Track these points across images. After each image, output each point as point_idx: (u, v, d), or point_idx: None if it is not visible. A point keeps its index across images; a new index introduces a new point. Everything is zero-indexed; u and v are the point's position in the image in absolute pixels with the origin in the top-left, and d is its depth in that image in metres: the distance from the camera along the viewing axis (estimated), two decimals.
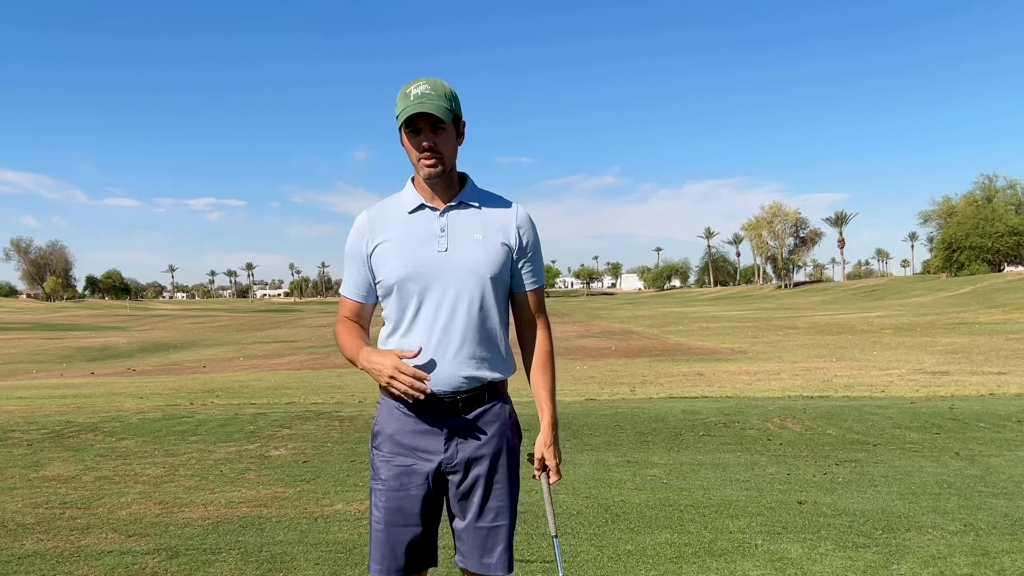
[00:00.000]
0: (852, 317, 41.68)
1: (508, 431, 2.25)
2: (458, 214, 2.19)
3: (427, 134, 2.11)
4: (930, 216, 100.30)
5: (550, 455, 2.24)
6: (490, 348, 2.19)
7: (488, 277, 2.16)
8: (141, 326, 67.17)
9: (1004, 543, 4.10)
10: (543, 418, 2.27)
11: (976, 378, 14.45)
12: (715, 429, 7.96)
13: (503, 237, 2.20)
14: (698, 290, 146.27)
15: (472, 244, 2.16)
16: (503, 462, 2.21)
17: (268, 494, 5.34)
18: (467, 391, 2.16)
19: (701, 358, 22.43)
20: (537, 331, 2.31)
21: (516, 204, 2.28)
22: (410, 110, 2.07)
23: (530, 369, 2.31)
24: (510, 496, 2.22)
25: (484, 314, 2.17)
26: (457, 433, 2.18)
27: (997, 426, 7.98)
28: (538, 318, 2.30)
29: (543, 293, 2.33)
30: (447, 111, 2.10)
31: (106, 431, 8.10)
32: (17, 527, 4.57)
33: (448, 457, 2.18)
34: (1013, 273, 69.16)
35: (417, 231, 2.17)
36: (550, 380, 2.29)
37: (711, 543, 4.15)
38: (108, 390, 15.39)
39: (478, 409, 2.19)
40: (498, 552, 2.19)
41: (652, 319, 50.78)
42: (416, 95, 2.08)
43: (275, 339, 43.62)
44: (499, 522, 2.20)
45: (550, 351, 2.31)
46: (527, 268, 2.25)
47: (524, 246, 2.23)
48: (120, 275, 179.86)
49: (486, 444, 2.19)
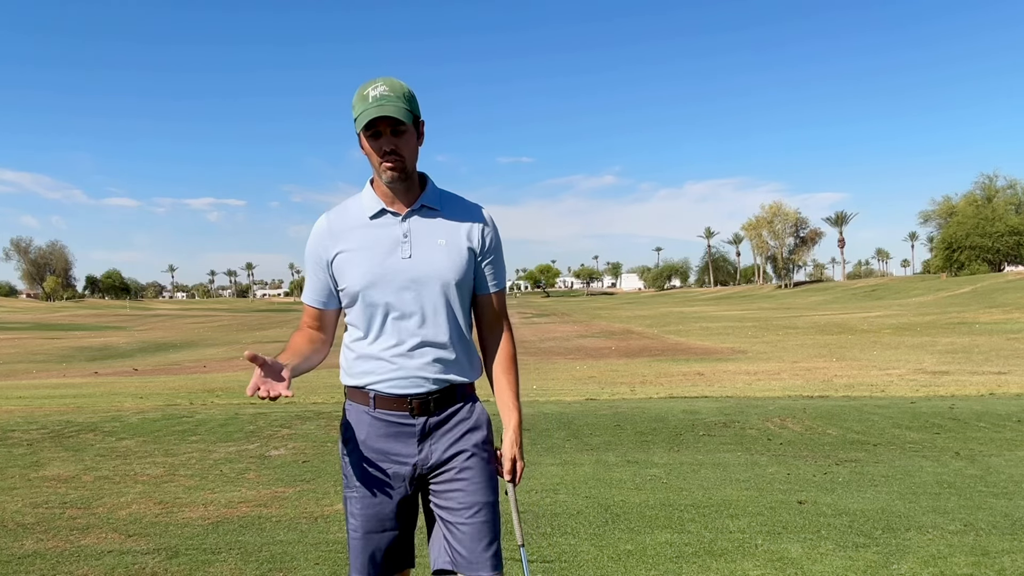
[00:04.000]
0: (852, 317, 41.66)
1: (482, 428, 2.23)
2: (420, 219, 2.16)
3: (388, 137, 2.07)
4: (930, 216, 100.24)
5: (519, 455, 2.23)
6: (458, 351, 2.18)
7: (453, 283, 2.14)
8: (141, 326, 67.16)
9: (1004, 543, 4.10)
10: (510, 420, 2.24)
11: (976, 378, 14.45)
12: (715, 429, 7.96)
13: (467, 241, 2.18)
14: (698, 290, 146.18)
15: (435, 250, 2.14)
16: (478, 459, 2.19)
17: (268, 494, 5.34)
18: (437, 392, 2.15)
19: (701, 358, 22.42)
20: (500, 333, 2.29)
21: (478, 206, 2.25)
22: (369, 114, 2.02)
23: (493, 372, 2.29)
24: (489, 491, 2.19)
25: (451, 319, 2.16)
26: (429, 434, 2.16)
27: (997, 426, 7.97)
28: (500, 320, 2.29)
29: (504, 295, 2.31)
30: (407, 112, 2.05)
31: (106, 431, 8.10)
32: (17, 527, 4.57)
33: (423, 459, 2.16)
34: (1013, 273, 69.12)
35: (379, 238, 2.14)
36: (515, 382, 2.28)
37: (711, 543, 4.15)
38: (108, 390, 15.39)
39: (449, 409, 2.18)
40: (480, 548, 2.14)
41: (652, 319, 50.76)
42: (375, 97, 2.03)
43: (275, 339, 43.59)
44: (479, 519, 2.16)
45: (513, 353, 2.30)
46: (489, 271, 2.23)
47: (487, 248, 2.21)
48: (120, 275, 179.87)
49: (460, 442, 2.18)
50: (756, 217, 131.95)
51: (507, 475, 2.22)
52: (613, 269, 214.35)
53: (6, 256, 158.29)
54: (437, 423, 2.17)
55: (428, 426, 2.16)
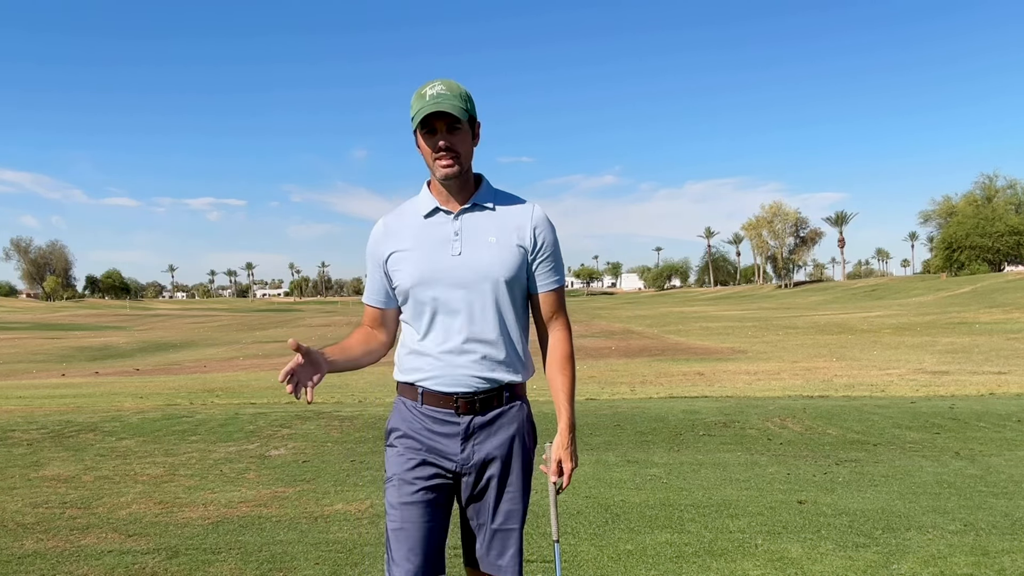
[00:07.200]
0: (852, 317, 41.67)
1: (525, 434, 2.23)
2: (472, 216, 2.18)
3: (443, 134, 2.09)
4: (930, 216, 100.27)
5: (567, 458, 2.21)
6: (507, 350, 2.17)
7: (503, 280, 2.14)
8: (141, 326, 67.16)
9: (1004, 543, 4.10)
10: (560, 420, 2.23)
11: (976, 378, 14.45)
12: (715, 429, 7.96)
13: (518, 239, 2.17)
14: (698, 290, 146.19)
15: (486, 247, 2.15)
16: (517, 465, 2.20)
17: (268, 494, 5.34)
18: (484, 392, 2.15)
19: (701, 358, 22.42)
20: (557, 332, 2.27)
21: (532, 204, 2.25)
22: (426, 110, 2.05)
23: (548, 371, 2.29)
24: (523, 500, 2.21)
25: (500, 317, 2.15)
26: (474, 434, 2.16)
27: (997, 426, 7.98)
28: (557, 319, 2.27)
29: (563, 293, 2.29)
30: (463, 110, 2.09)
31: (106, 431, 8.10)
32: (17, 527, 4.57)
33: (464, 458, 2.17)
34: (1013, 273, 69.13)
35: (431, 236, 2.16)
36: (568, 382, 2.25)
37: (711, 543, 4.15)
38: (108, 390, 15.39)
39: (496, 410, 2.18)
40: (509, 555, 2.18)
41: (652, 319, 50.77)
42: (431, 95, 2.07)
43: (275, 339, 43.60)
44: (511, 525, 2.19)
45: (569, 353, 2.27)
46: (544, 269, 2.23)
47: (540, 246, 2.21)
48: (120, 275, 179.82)
49: (502, 446, 2.18)
50: (756, 217, 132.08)
51: (554, 476, 2.22)
52: (613, 269, 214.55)
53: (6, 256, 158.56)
54: (482, 424, 2.17)
55: (473, 426, 2.16)
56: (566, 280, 2.40)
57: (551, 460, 2.23)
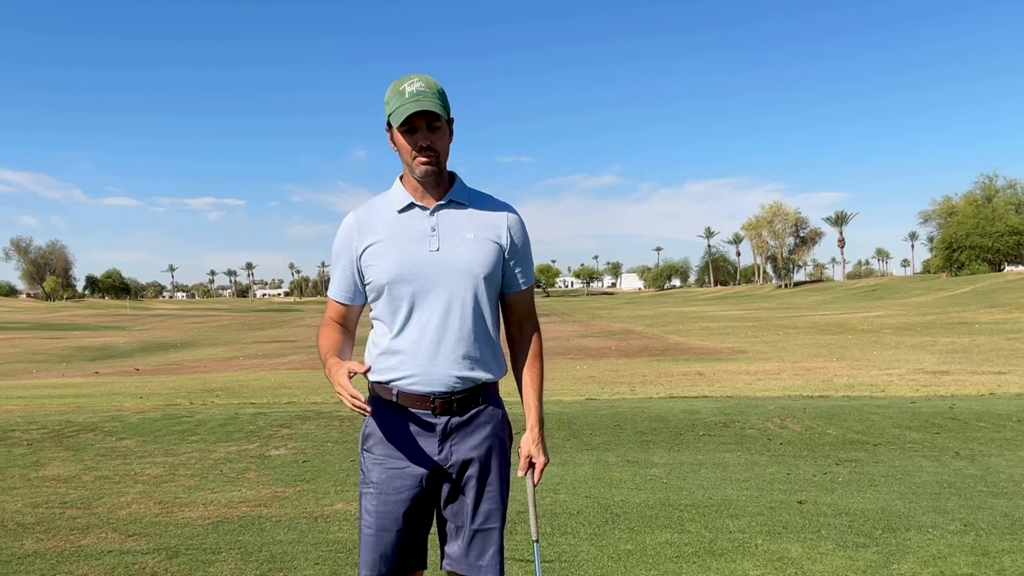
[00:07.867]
0: (852, 317, 41.67)
1: (501, 433, 2.23)
2: (449, 213, 2.17)
3: (424, 133, 2.08)
4: (930, 216, 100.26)
5: (537, 452, 2.22)
6: (483, 348, 2.17)
7: (481, 276, 2.13)
8: (141, 326, 67.16)
9: (1004, 543, 4.10)
10: (530, 416, 2.25)
11: (976, 378, 14.45)
12: (715, 429, 7.96)
13: (494, 236, 2.18)
14: (698, 290, 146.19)
15: (464, 243, 2.14)
16: (496, 464, 2.20)
17: (268, 494, 5.34)
18: (461, 391, 2.14)
19: (701, 358, 22.42)
20: (528, 331, 2.29)
21: (507, 204, 2.26)
22: (407, 109, 2.04)
23: (518, 369, 2.29)
24: (502, 499, 2.20)
25: (477, 314, 2.15)
26: (451, 434, 2.15)
27: (997, 426, 7.98)
28: (528, 319, 2.29)
29: (533, 293, 2.31)
30: (443, 108, 2.09)
31: (106, 431, 8.10)
32: (17, 527, 4.57)
33: (442, 459, 2.15)
34: (1013, 273, 69.10)
35: (407, 231, 2.15)
36: (538, 380, 2.27)
37: (711, 543, 4.15)
38: (108, 390, 15.38)
39: (472, 410, 2.17)
40: (489, 555, 2.17)
41: (652, 319, 50.76)
42: (412, 92, 2.06)
43: (275, 339, 43.62)
44: (490, 525, 2.18)
45: (539, 352, 2.30)
46: (518, 268, 2.23)
47: (515, 245, 2.21)
48: (120, 275, 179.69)
49: (479, 446, 2.17)
50: (756, 217, 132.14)
51: (521, 472, 2.22)
52: (613, 269, 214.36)
53: (6, 256, 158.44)
54: (459, 424, 2.16)
55: (450, 426, 2.15)
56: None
57: (521, 456, 2.23)
